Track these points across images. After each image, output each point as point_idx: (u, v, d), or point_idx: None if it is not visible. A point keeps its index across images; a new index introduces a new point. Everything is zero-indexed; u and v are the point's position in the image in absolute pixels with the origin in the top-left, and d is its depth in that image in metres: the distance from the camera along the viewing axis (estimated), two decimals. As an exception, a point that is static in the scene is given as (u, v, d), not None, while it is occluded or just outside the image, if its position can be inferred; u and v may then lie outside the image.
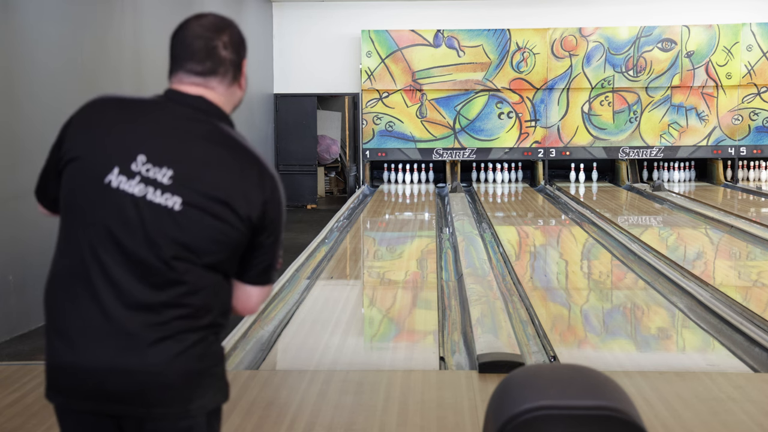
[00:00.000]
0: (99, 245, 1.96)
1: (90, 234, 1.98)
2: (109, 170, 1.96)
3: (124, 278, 1.94)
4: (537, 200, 13.43)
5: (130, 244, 1.94)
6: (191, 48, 2.07)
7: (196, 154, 1.97)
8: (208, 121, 2.04)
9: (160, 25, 9.30)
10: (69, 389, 2.01)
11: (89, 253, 1.97)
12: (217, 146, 2.00)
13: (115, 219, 1.95)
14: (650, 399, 4.27)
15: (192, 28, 2.08)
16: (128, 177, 1.95)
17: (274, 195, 2.02)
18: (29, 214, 6.59)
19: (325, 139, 16.22)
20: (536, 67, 14.94)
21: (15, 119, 6.45)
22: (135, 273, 1.94)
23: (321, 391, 4.47)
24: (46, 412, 4.24)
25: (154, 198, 1.94)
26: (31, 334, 6.32)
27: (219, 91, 2.09)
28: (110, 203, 1.95)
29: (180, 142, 1.99)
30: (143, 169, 1.95)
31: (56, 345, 2.00)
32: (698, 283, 7.05)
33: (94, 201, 1.97)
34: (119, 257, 1.94)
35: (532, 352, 5.39)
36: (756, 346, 5.34)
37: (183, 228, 1.94)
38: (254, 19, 13.76)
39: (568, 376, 1.84)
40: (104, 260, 1.95)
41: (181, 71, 2.10)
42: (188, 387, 1.96)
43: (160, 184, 1.94)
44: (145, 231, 1.93)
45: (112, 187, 1.95)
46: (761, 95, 14.98)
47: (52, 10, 6.95)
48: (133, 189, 1.94)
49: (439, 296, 6.91)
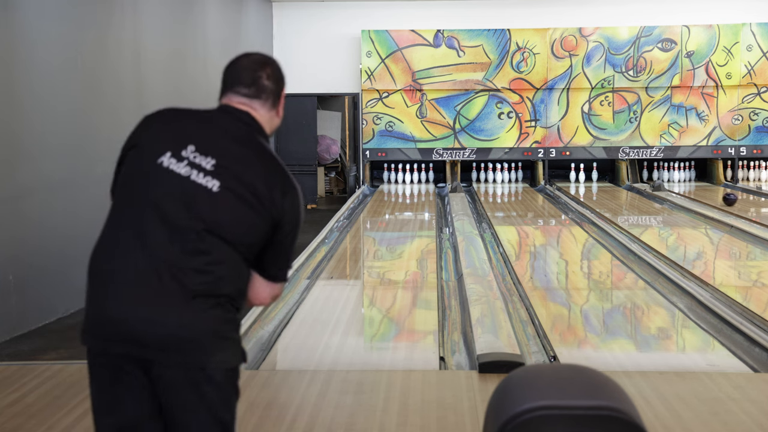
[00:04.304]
0: (146, 214, 2.31)
1: (141, 204, 2.33)
2: (162, 154, 2.35)
3: (163, 243, 2.28)
4: (537, 200, 13.43)
5: (172, 214, 2.29)
6: (240, 76, 2.49)
7: (235, 152, 2.36)
8: (248, 131, 2.43)
9: (160, 25, 9.29)
10: (108, 334, 2.29)
11: (137, 221, 2.32)
12: (251, 151, 2.39)
13: (163, 193, 2.31)
14: (650, 399, 4.27)
15: (242, 62, 2.52)
16: (178, 160, 2.33)
17: (294, 202, 2.39)
18: (29, 214, 6.59)
19: (325, 139, 16.22)
20: (536, 67, 14.94)
21: (15, 119, 6.45)
22: (173, 239, 2.28)
23: (321, 391, 4.47)
24: (47, 412, 4.24)
25: (197, 179, 2.31)
26: (31, 334, 6.32)
27: (261, 113, 2.49)
28: (160, 179, 2.32)
29: (224, 140, 2.38)
30: (191, 155, 2.33)
31: (99, 296, 2.33)
32: (698, 283, 7.05)
33: (147, 177, 2.34)
34: (161, 225, 2.29)
35: (532, 352, 5.39)
36: (756, 346, 5.34)
37: (217, 207, 2.30)
38: (254, 19, 13.76)
39: (568, 376, 1.84)
40: (149, 227, 2.30)
41: (231, 92, 2.49)
42: (208, 343, 2.26)
43: (204, 169, 2.32)
44: (186, 204, 2.29)
45: (163, 167, 2.33)
46: (761, 95, 14.98)
47: (52, 10, 6.95)
48: (180, 170, 2.32)
49: (439, 296, 6.91)
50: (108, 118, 7.94)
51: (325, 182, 16.37)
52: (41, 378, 4.78)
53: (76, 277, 7.20)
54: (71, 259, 7.12)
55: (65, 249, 7.04)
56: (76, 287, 7.18)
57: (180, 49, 9.91)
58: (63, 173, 7.08)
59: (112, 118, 8.02)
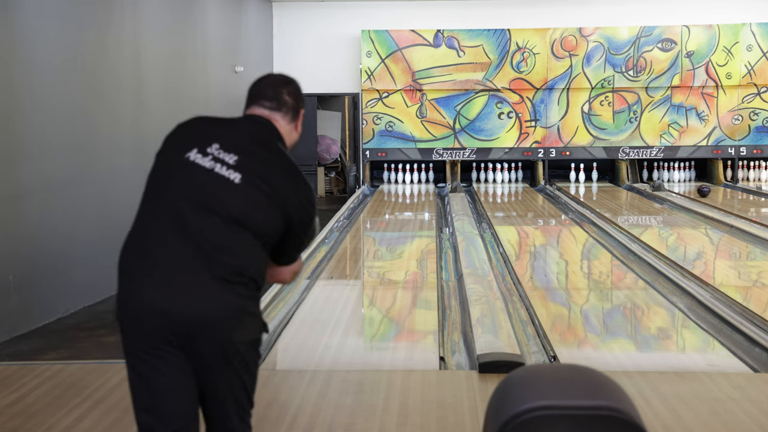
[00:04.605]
0: (174, 203, 2.53)
1: (169, 195, 2.55)
2: (189, 150, 2.60)
3: (190, 229, 2.50)
4: (537, 200, 13.43)
5: (198, 202, 2.52)
6: (264, 91, 2.78)
7: (256, 151, 2.62)
8: (268, 135, 2.70)
9: (160, 25, 9.29)
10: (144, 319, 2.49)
11: (165, 210, 2.54)
12: (270, 151, 2.65)
13: (189, 183, 2.55)
14: (650, 399, 4.27)
15: (266, 80, 2.82)
16: (203, 155, 2.57)
17: (305, 199, 2.64)
18: (29, 214, 6.59)
19: (325, 139, 16.22)
20: (536, 67, 14.94)
21: (15, 119, 6.45)
22: (199, 226, 2.50)
23: (321, 391, 4.47)
24: (47, 412, 4.24)
25: (221, 171, 2.55)
26: (31, 334, 6.32)
27: (281, 124, 2.75)
28: (186, 172, 2.57)
29: (246, 141, 2.64)
30: (215, 151, 2.58)
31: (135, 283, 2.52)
32: (698, 283, 7.05)
33: (174, 171, 2.58)
34: (188, 212, 2.51)
35: (532, 352, 5.38)
36: (756, 346, 5.34)
37: (238, 196, 2.53)
38: (254, 19, 13.76)
39: (568, 376, 1.84)
40: (176, 215, 2.52)
41: (255, 105, 2.77)
42: (235, 319, 2.49)
43: (227, 163, 2.56)
44: (210, 193, 2.53)
45: (189, 161, 2.57)
46: (761, 95, 14.98)
47: (52, 10, 6.95)
48: (205, 163, 2.56)
49: (439, 296, 6.91)
50: (108, 118, 7.94)
51: (325, 182, 16.37)
52: (41, 378, 4.78)
53: (76, 277, 7.20)
54: (71, 259, 7.12)
55: (65, 249, 7.03)
56: (76, 287, 7.18)
57: (180, 49, 9.91)
58: (63, 173, 7.08)
59: (112, 118, 8.02)
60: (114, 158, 8.02)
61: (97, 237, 7.58)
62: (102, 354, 5.76)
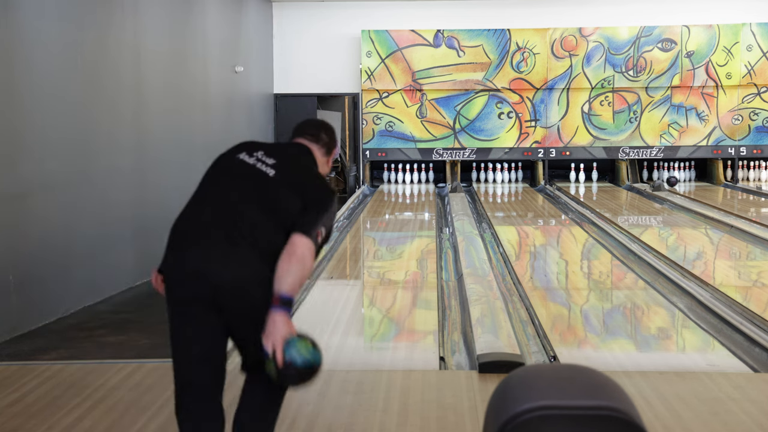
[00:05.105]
0: (220, 189, 3.18)
1: (220, 184, 3.21)
2: (240, 153, 3.28)
3: (234, 211, 3.10)
4: (537, 200, 13.43)
5: (242, 190, 3.16)
6: (306, 129, 3.46)
7: (290, 160, 3.30)
8: (304, 155, 3.37)
9: (160, 25, 9.29)
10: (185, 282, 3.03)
11: (213, 194, 3.19)
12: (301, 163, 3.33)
13: (237, 176, 3.20)
14: (650, 399, 4.27)
15: (309, 121, 3.52)
16: (249, 157, 3.25)
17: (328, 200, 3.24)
18: (30, 214, 6.59)
19: (325, 139, 16.20)
20: (536, 67, 14.94)
21: (15, 119, 6.45)
22: (242, 207, 3.11)
23: (321, 391, 4.47)
24: (47, 412, 4.24)
25: (261, 167, 3.22)
26: (31, 334, 6.32)
27: (317, 155, 3.41)
28: (236, 167, 3.23)
29: (284, 154, 3.33)
30: (260, 156, 3.26)
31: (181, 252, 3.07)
32: (698, 283, 7.05)
33: (229, 167, 3.25)
34: (235, 198, 3.14)
35: (532, 352, 5.39)
36: (756, 346, 5.34)
37: (271, 188, 3.17)
38: (254, 19, 13.76)
39: (568, 376, 1.84)
40: (221, 198, 3.16)
41: (298, 137, 3.45)
42: (255, 283, 3.02)
43: (266, 163, 3.23)
44: (252, 184, 3.18)
45: (239, 159, 3.25)
46: (761, 95, 14.98)
47: (52, 10, 6.95)
48: (249, 161, 3.24)
49: (439, 296, 6.91)
50: (108, 118, 7.94)
51: (325, 182, 16.34)
52: (41, 378, 4.78)
53: (76, 277, 7.21)
54: (71, 259, 7.12)
55: (65, 249, 7.04)
56: (76, 287, 7.18)
57: (180, 49, 9.91)
58: (63, 173, 7.08)
59: (113, 119, 8.02)
60: (114, 159, 8.02)
61: (97, 237, 7.58)
62: (102, 354, 5.76)
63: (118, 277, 7.94)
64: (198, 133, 10.49)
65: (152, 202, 8.75)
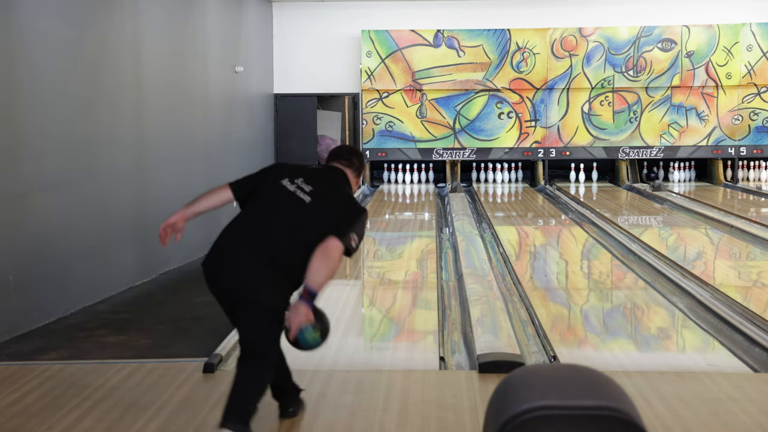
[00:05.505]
0: (267, 211, 3.85)
1: (266, 205, 3.87)
2: (283, 179, 3.94)
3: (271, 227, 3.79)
4: (537, 200, 13.43)
5: (282, 212, 3.82)
6: (342, 155, 4.15)
7: (327, 188, 3.95)
8: (339, 179, 4.06)
9: (160, 25, 9.29)
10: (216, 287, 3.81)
11: (260, 214, 3.85)
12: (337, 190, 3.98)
13: (279, 200, 3.87)
14: (650, 399, 4.28)
15: (342, 148, 4.23)
16: (291, 183, 3.91)
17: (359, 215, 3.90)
18: (30, 214, 6.59)
19: (325, 139, 16.22)
20: (536, 67, 14.94)
21: (16, 119, 6.45)
22: (274, 233, 3.77)
23: (321, 391, 4.47)
24: (47, 412, 4.24)
25: (299, 194, 3.87)
26: (31, 334, 6.32)
27: (350, 177, 4.11)
28: (278, 192, 3.89)
29: (322, 180, 3.98)
30: (300, 183, 3.91)
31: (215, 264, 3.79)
32: (698, 283, 7.05)
33: (272, 191, 3.91)
34: (274, 217, 3.82)
35: (532, 352, 5.39)
36: (756, 346, 5.34)
37: (307, 213, 3.82)
38: (254, 19, 13.76)
39: (568, 376, 1.84)
40: (266, 217, 3.83)
41: (334, 161, 4.13)
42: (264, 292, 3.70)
43: (304, 190, 3.88)
44: (290, 207, 3.83)
45: (282, 185, 3.91)
46: (761, 95, 14.98)
47: (52, 10, 6.95)
48: (290, 188, 3.89)
49: (439, 296, 6.91)
50: (108, 118, 7.94)
51: (325, 182, 16.34)
52: (41, 378, 4.78)
53: (76, 277, 7.21)
54: (71, 259, 7.12)
55: (65, 249, 7.04)
56: (76, 287, 7.18)
57: (180, 49, 9.91)
58: (63, 173, 7.08)
59: (112, 119, 8.02)
60: (114, 158, 8.02)
61: (97, 237, 7.58)
62: (102, 354, 5.76)
63: (118, 277, 7.94)
64: (198, 133, 10.49)
65: (152, 202, 8.75)
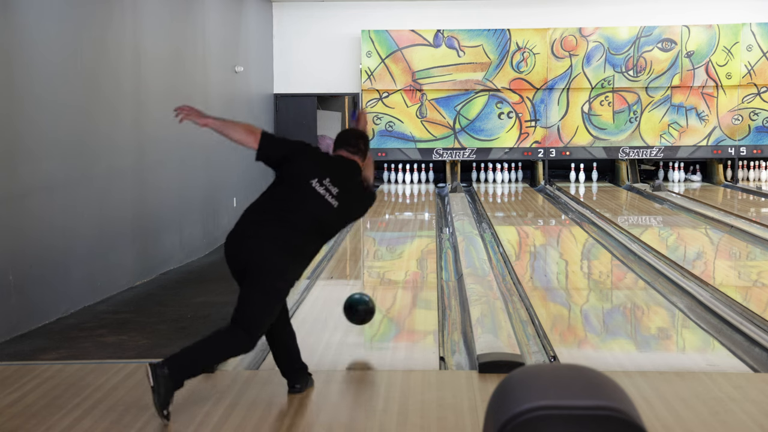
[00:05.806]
0: (295, 208, 4.18)
1: (294, 203, 4.20)
2: (312, 179, 4.24)
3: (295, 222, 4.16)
4: (537, 200, 13.43)
5: (308, 211, 4.18)
6: (348, 140, 4.45)
7: (350, 187, 4.31)
8: (355, 172, 4.37)
9: (160, 25, 9.29)
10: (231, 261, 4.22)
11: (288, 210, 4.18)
12: (357, 186, 4.36)
13: (306, 200, 4.20)
14: (650, 399, 4.27)
15: (348, 132, 4.54)
16: (319, 185, 4.23)
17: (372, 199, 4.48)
18: (30, 214, 6.59)
19: (325, 139, 16.21)
20: (536, 67, 14.95)
21: (15, 119, 6.45)
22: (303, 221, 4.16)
23: (321, 391, 4.47)
24: (46, 412, 4.24)
25: (326, 196, 4.23)
26: (31, 334, 6.32)
27: (360, 163, 4.38)
28: (307, 193, 4.22)
29: (345, 178, 4.31)
30: (327, 184, 4.24)
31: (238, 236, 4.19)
32: (698, 283, 7.05)
33: (301, 191, 4.22)
34: (300, 215, 4.17)
35: (532, 352, 5.39)
36: (756, 346, 5.34)
37: (332, 214, 4.23)
38: (254, 19, 13.76)
39: (568, 376, 1.84)
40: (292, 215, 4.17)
41: (342, 149, 4.43)
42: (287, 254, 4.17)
43: (331, 192, 4.23)
44: (316, 208, 4.20)
45: (311, 186, 4.23)
46: (761, 95, 14.98)
47: (52, 10, 6.95)
48: (319, 190, 4.22)
49: (439, 296, 6.91)
50: (108, 118, 7.94)
51: (325, 182, 16.35)
52: (41, 378, 4.78)
53: (76, 277, 7.21)
54: (71, 259, 7.12)
55: (65, 249, 7.04)
56: (76, 287, 7.18)
57: (180, 49, 9.91)
58: (63, 174, 7.08)
59: (112, 118, 8.02)
60: (114, 159, 8.02)
61: (97, 237, 7.58)
62: (102, 354, 5.76)
63: (118, 277, 7.94)
64: (198, 133, 10.48)
65: (152, 202, 8.76)
